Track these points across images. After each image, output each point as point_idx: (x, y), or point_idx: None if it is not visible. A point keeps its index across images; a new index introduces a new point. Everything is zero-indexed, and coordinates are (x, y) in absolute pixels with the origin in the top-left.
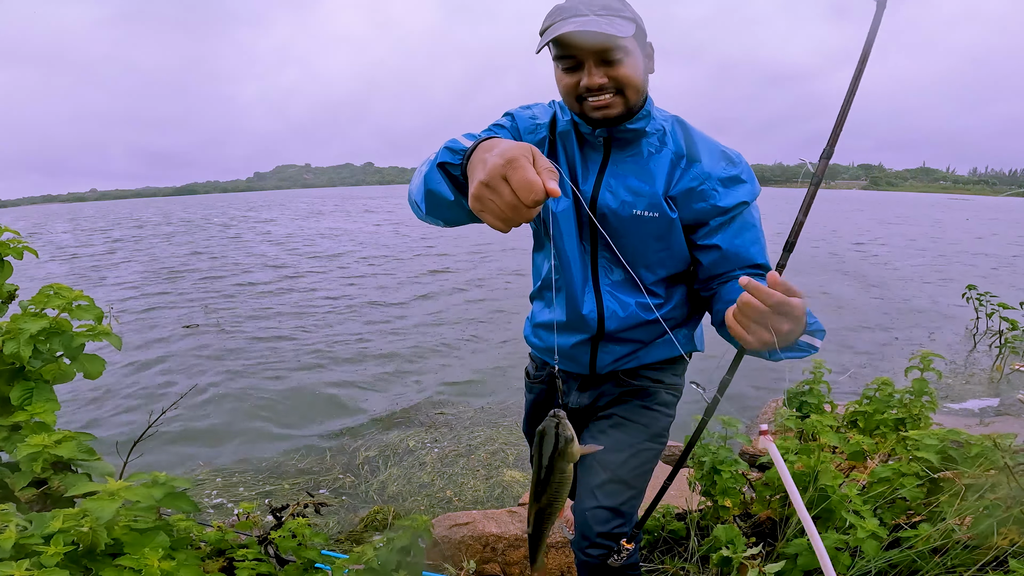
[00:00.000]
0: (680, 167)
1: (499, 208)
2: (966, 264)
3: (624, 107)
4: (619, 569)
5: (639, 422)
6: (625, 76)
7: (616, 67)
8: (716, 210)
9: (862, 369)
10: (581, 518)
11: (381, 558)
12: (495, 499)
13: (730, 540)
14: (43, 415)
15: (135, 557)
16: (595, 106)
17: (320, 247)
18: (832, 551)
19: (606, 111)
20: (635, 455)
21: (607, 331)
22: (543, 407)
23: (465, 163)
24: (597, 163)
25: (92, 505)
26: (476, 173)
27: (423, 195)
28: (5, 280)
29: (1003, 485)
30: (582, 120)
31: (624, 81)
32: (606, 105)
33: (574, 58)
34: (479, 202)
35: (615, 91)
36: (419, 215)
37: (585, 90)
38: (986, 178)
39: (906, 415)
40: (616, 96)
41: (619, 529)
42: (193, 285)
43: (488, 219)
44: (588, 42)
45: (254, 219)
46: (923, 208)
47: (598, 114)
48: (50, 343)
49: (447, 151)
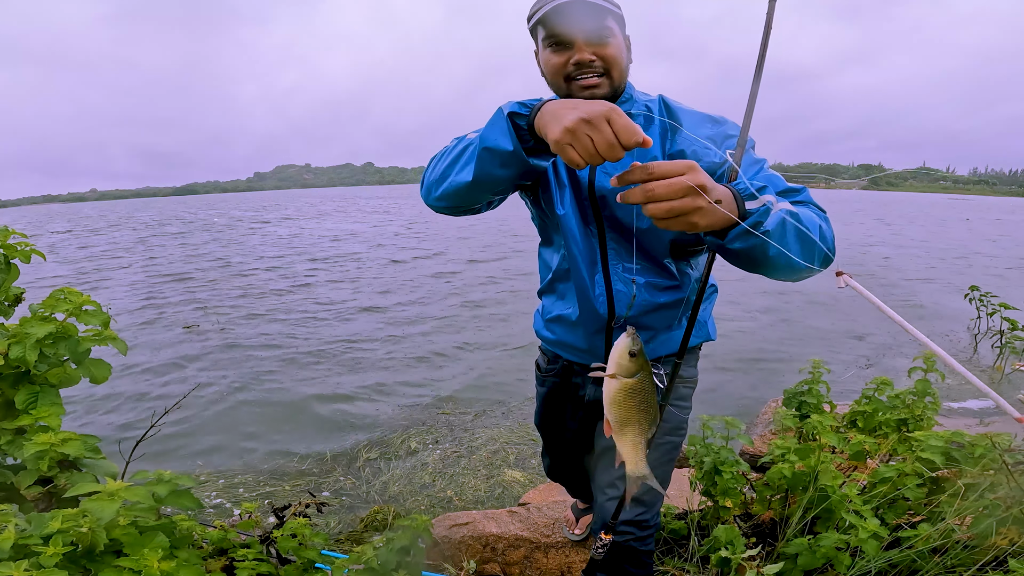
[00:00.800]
0: (668, 138)
1: (594, 144)
2: (973, 265)
3: (610, 88)
4: (636, 557)
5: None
6: (612, 56)
7: (604, 47)
8: (713, 166)
9: (862, 369)
10: (603, 506)
11: (381, 558)
12: (496, 499)
13: (729, 541)
14: (48, 419)
15: (135, 558)
16: (583, 85)
17: (322, 247)
18: (832, 551)
19: (593, 91)
20: (655, 448)
21: (618, 315)
22: (556, 400)
23: (533, 117)
24: None
25: (92, 505)
26: (567, 115)
27: (463, 160)
28: (12, 283)
29: (1003, 485)
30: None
31: (611, 61)
32: (594, 85)
33: (563, 37)
34: (573, 136)
35: (602, 71)
36: (433, 194)
37: (575, 67)
38: (986, 178)
39: (908, 415)
40: (603, 77)
41: (641, 516)
42: (193, 285)
43: (573, 154)
44: (582, 20)
45: (256, 219)
46: (925, 208)
47: (586, 93)
48: (57, 348)
49: (516, 105)
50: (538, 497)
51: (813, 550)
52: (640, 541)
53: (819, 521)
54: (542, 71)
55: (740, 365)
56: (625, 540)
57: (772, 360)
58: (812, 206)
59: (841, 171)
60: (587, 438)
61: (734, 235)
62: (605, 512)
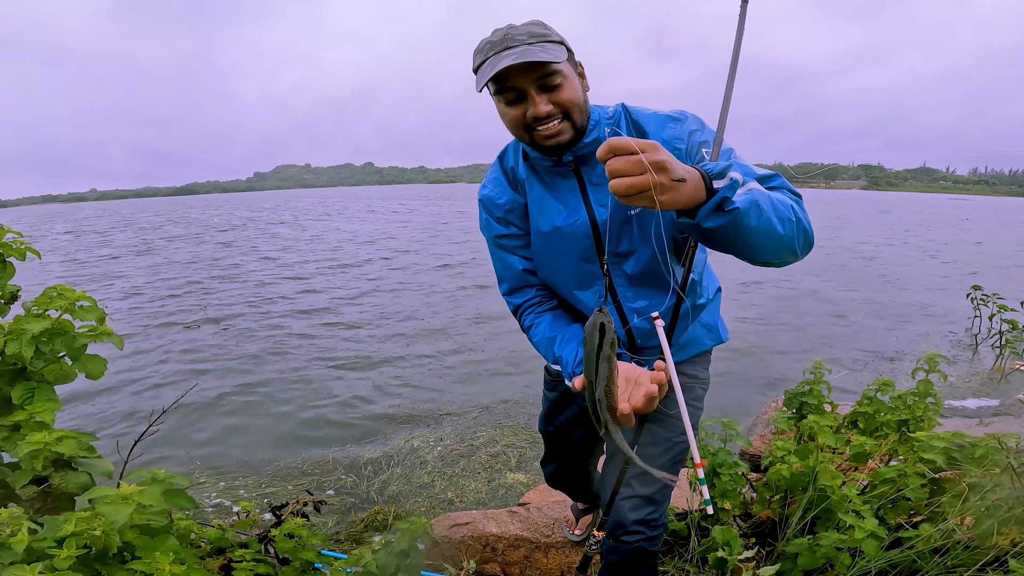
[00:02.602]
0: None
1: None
2: (981, 265)
3: (573, 130)
4: (645, 558)
5: (675, 417)
6: (568, 100)
7: (558, 92)
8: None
9: (863, 371)
10: (616, 506)
11: (379, 561)
12: (498, 499)
13: (726, 541)
14: (42, 414)
15: (147, 561)
16: (546, 135)
17: (325, 248)
18: (832, 551)
19: (558, 138)
20: (670, 448)
21: (639, 346)
22: (565, 404)
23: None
24: (575, 188)
25: (105, 509)
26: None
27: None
28: (7, 281)
29: (1005, 485)
30: (537, 151)
31: (568, 105)
32: (556, 132)
33: (515, 90)
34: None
35: (561, 116)
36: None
37: (533, 119)
38: (986, 178)
39: (909, 416)
40: (564, 122)
41: (651, 515)
42: (194, 285)
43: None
44: (528, 74)
45: (260, 220)
46: (926, 208)
47: (550, 142)
48: (52, 344)
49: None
50: (538, 497)
51: (813, 550)
52: (649, 541)
53: (819, 521)
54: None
55: (741, 364)
56: (636, 540)
57: (773, 360)
58: (786, 191)
59: (841, 171)
60: (593, 442)
61: (704, 212)
62: (621, 514)
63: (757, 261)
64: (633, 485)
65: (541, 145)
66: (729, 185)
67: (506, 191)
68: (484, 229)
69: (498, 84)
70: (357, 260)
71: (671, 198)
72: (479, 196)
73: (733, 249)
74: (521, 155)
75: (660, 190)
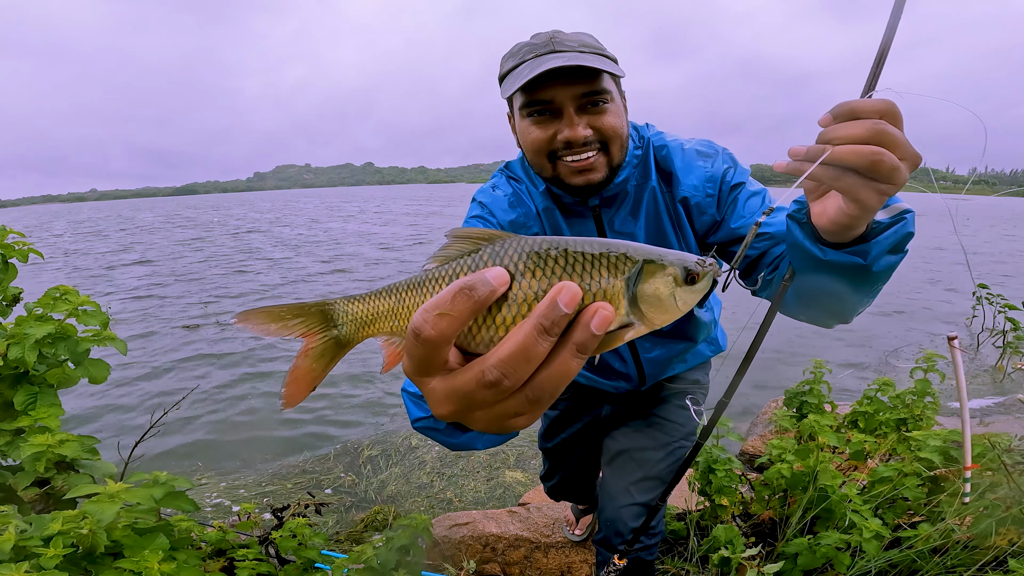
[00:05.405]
0: (665, 196)
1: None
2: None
3: (608, 169)
4: (644, 568)
5: (676, 421)
6: (611, 127)
7: (601, 116)
8: (720, 210)
9: (863, 371)
10: (615, 515)
11: (380, 557)
12: (496, 499)
13: (729, 540)
14: (47, 420)
15: (135, 559)
16: (576, 168)
17: (325, 247)
18: (832, 551)
19: (589, 176)
20: (671, 453)
21: (648, 375)
22: (564, 425)
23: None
24: (592, 233)
25: (92, 507)
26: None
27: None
28: (9, 283)
29: (1003, 485)
30: (558, 188)
31: (610, 133)
32: (589, 168)
33: (550, 104)
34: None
35: (599, 147)
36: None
37: (564, 144)
38: (986, 178)
39: (908, 415)
40: (600, 154)
41: (649, 523)
42: (194, 285)
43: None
44: (572, 84)
45: (261, 220)
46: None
47: (579, 179)
48: (56, 348)
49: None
50: (538, 497)
51: (813, 550)
52: (647, 550)
53: (819, 521)
54: (518, 142)
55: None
56: (634, 551)
57: (773, 359)
58: None
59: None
60: (596, 454)
61: (884, 245)
62: (619, 523)
63: (833, 324)
64: (632, 493)
65: (565, 182)
66: (912, 215)
67: (516, 209)
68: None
69: (529, 94)
70: (359, 261)
71: (879, 202)
72: (480, 199)
73: (829, 300)
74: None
75: (896, 175)
